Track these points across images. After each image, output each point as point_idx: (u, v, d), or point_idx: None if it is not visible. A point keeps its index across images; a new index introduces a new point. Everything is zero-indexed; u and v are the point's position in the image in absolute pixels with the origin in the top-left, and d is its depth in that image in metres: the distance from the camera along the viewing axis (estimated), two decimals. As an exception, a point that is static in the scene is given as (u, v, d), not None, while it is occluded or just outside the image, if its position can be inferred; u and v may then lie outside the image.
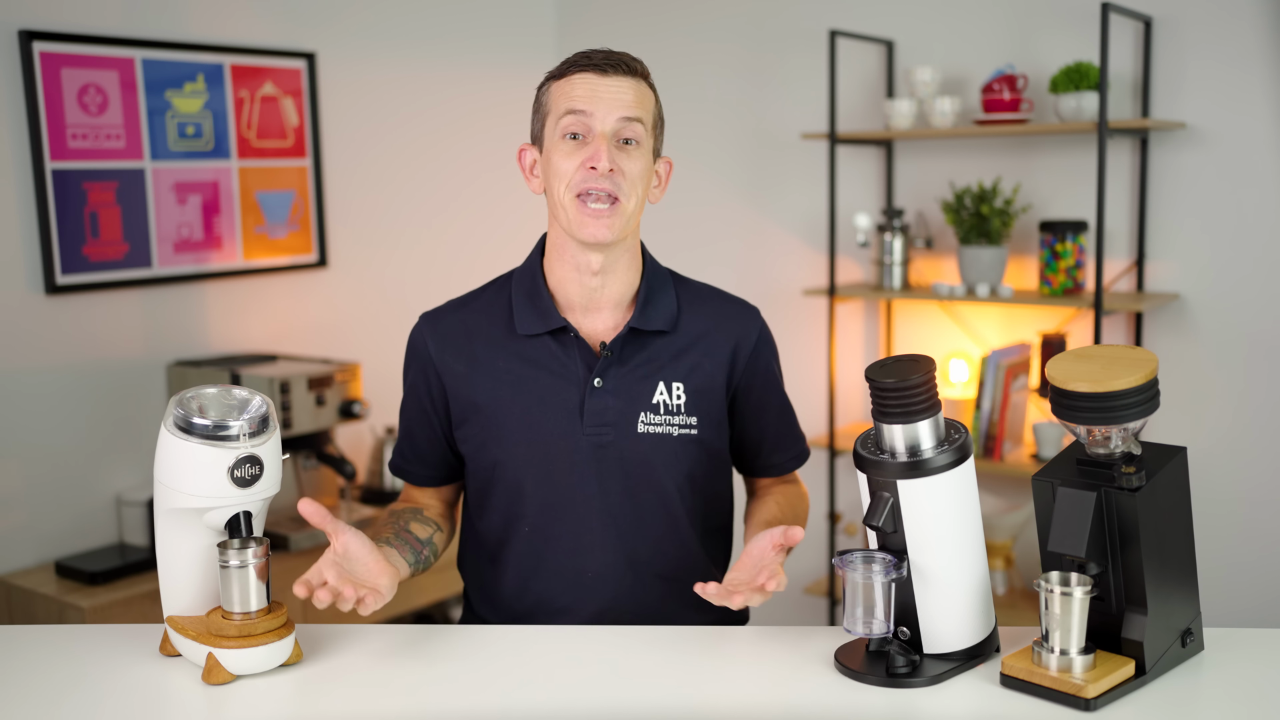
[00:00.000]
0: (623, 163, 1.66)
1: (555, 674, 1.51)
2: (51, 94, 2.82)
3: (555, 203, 1.69)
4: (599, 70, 1.66)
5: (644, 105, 1.69)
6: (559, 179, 1.67)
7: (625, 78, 1.67)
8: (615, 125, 1.65)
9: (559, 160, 1.67)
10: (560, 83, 1.69)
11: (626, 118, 1.66)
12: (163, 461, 1.48)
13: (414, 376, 1.82)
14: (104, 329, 2.97)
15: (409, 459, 1.85)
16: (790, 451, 1.88)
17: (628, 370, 1.72)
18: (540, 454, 1.72)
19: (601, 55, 1.68)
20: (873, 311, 3.60)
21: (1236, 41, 2.97)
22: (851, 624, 1.47)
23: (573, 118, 1.65)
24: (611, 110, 1.65)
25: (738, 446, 1.84)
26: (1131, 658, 1.41)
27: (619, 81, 1.67)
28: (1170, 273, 3.13)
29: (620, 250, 1.72)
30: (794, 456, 1.88)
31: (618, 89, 1.66)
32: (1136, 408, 1.37)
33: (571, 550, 1.73)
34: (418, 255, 3.71)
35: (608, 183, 1.64)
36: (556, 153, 1.67)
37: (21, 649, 1.59)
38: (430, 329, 1.80)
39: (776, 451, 1.86)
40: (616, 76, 1.67)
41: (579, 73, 1.67)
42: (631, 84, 1.68)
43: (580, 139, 1.66)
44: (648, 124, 1.69)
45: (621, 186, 1.65)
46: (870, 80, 3.50)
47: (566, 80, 1.68)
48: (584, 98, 1.65)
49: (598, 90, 1.66)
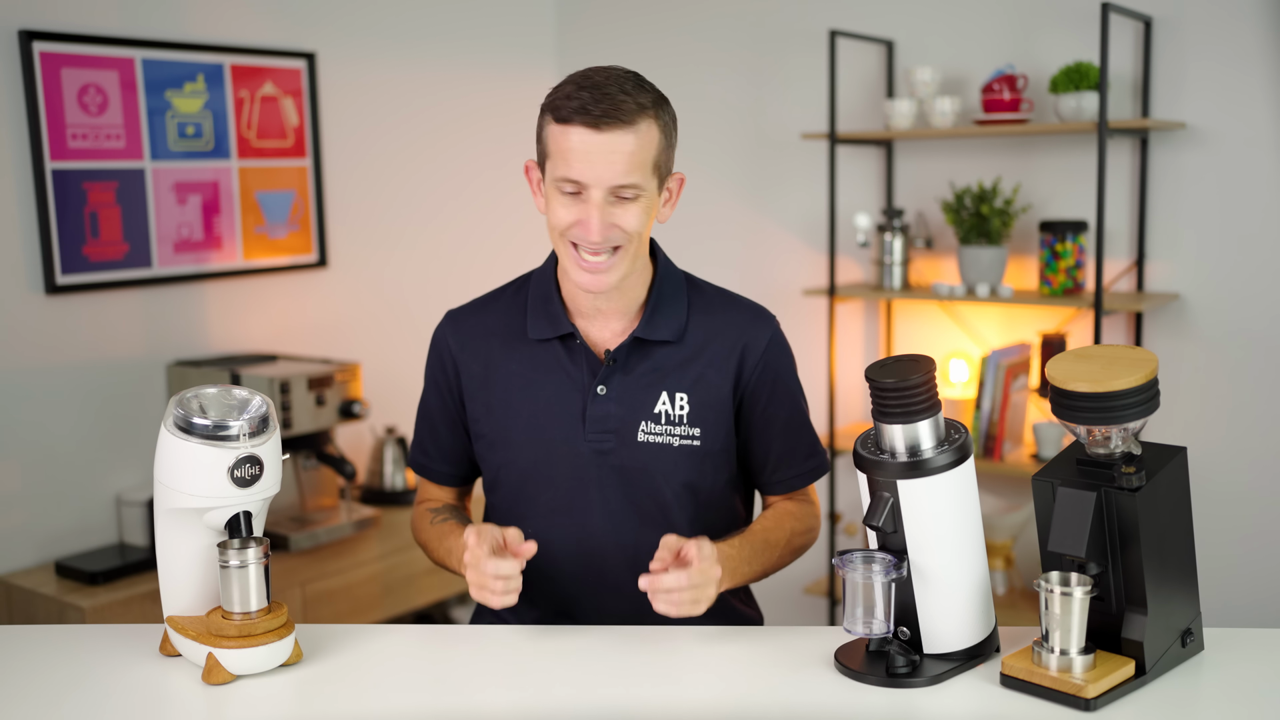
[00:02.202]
0: (619, 218, 1.61)
1: (556, 674, 1.51)
2: (51, 94, 2.82)
3: (553, 239, 1.67)
4: (594, 125, 1.56)
5: (642, 156, 1.59)
6: (554, 224, 1.64)
7: (621, 132, 1.57)
8: (609, 188, 1.60)
9: (555, 208, 1.63)
10: (558, 129, 1.59)
11: (620, 185, 1.59)
12: (163, 461, 1.48)
13: (436, 373, 1.83)
14: (104, 329, 2.97)
15: (433, 457, 1.86)
16: (796, 468, 1.80)
17: (631, 379, 1.72)
18: (543, 458, 1.73)
19: (597, 105, 1.57)
20: (873, 311, 3.60)
21: (1236, 41, 2.97)
22: (851, 624, 1.47)
23: (567, 182, 1.60)
24: (604, 177, 1.58)
25: (743, 458, 1.81)
26: (1131, 658, 1.41)
27: (614, 138, 1.57)
28: (1170, 273, 3.13)
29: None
30: (800, 474, 1.81)
31: (612, 148, 1.57)
32: (1136, 408, 1.37)
33: (572, 553, 1.73)
34: (418, 255, 3.71)
35: (600, 240, 1.61)
36: (554, 199, 1.63)
37: (21, 649, 1.59)
38: (453, 328, 1.82)
39: (781, 467, 1.80)
40: (611, 131, 1.56)
41: (575, 125, 1.57)
42: (629, 138, 1.57)
43: (575, 195, 1.61)
44: (646, 172, 1.61)
45: (616, 238, 1.62)
46: (870, 80, 3.50)
47: (563, 131, 1.59)
48: (578, 163, 1.57)
49: (591, 152, 1.57)
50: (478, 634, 1.65)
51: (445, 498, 1.88)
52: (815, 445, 1.82)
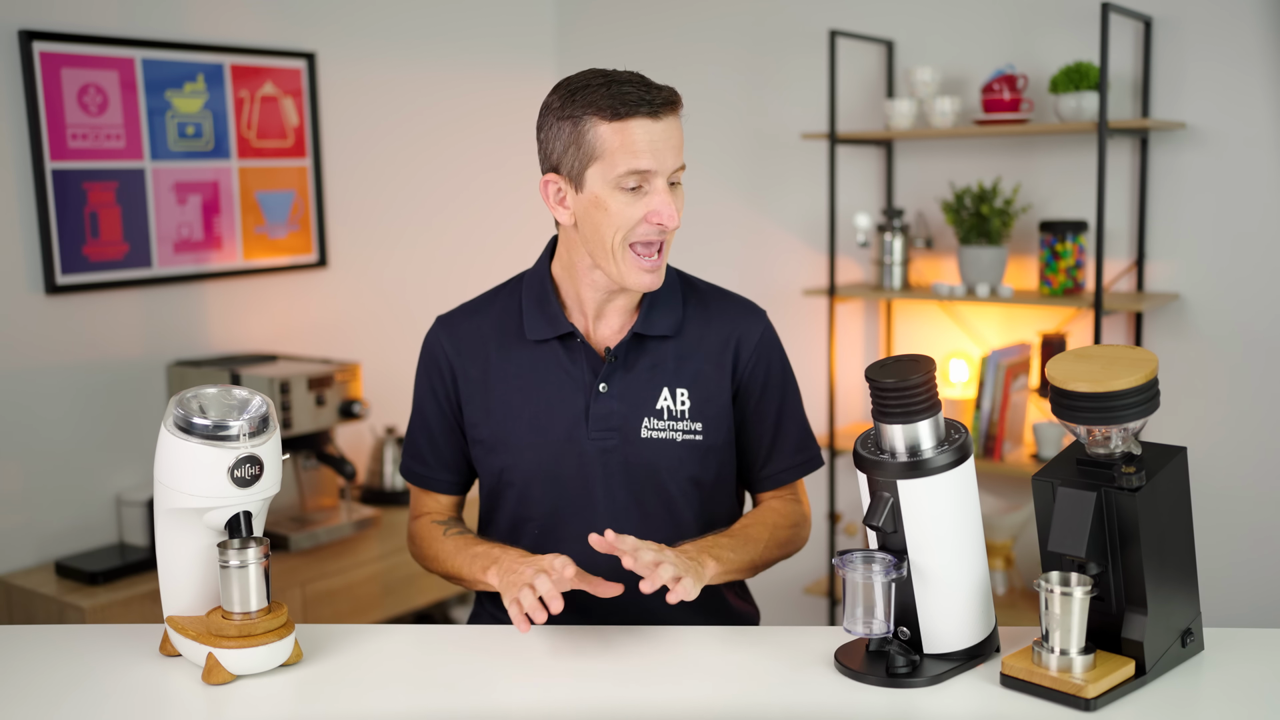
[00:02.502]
0: (677, 204, 1.64)
1: (555, 674, 1.51)
2: (51, 94, 2.82)
3: (602, 247, 1.64)
4: (653, 115, 1.59)
5: (682, 139, 1.65)
6: (615, 228, 1.62)
7: (673, 117, 1.62)
8: (671, 173, 1.63)
9: (619, 209, 1.61)
10: (613, 126, 1.58)
11: (678, 168, 1.63)
12: (163, 461, 1.48)
13: (432, 380, 1.82)
14: (104, 329, 2.97)
15: (432, 465, 1.84)
16: (787, 461, 1.81)
17: (632, 375, 1.73)
18: (547, 458, 1.73)
19: (652, 96, 1.59)
20: (873, 311, 3.60)
21: (1236, 41, 2.97)
22: (851, 624, 1.47)
23: (636, 175, 1.60)
24: (669, 162, 1.61)
25: (737, 452, 1.81)
26: (1131, 658, 1.41)
27: (670, 124, 1.61)
28: (1170, 273, 3.13)
29: None
30: (790, 467, 1.82)
31: (670, 133, 1.61)
32: (1136, 408, 1.37)
33: (578, 553, 1.73)
34: (418, 255, 3.71)
35: (677, 224, 1.63)
36: (614, 201, 1.61)
37: (21, 649, 1.60)
38: (446, 333, 1.81)
39: (771, 461, 1.81)
40: (668, 118, 1.61)
41: (636, 118, 1.58)
42: (678, 122, 1.63)
43: (636, 190, 1.61)
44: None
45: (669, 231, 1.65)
46: (870, 80, 3.50)
47: (623, 126, 1.58)
48: (647, 153, 1.59)
49: (655, 141, 1.59)
50: (478, 634, 1.65)
51: (445, 508, 1.87)
52: (808, 440, 1.83)
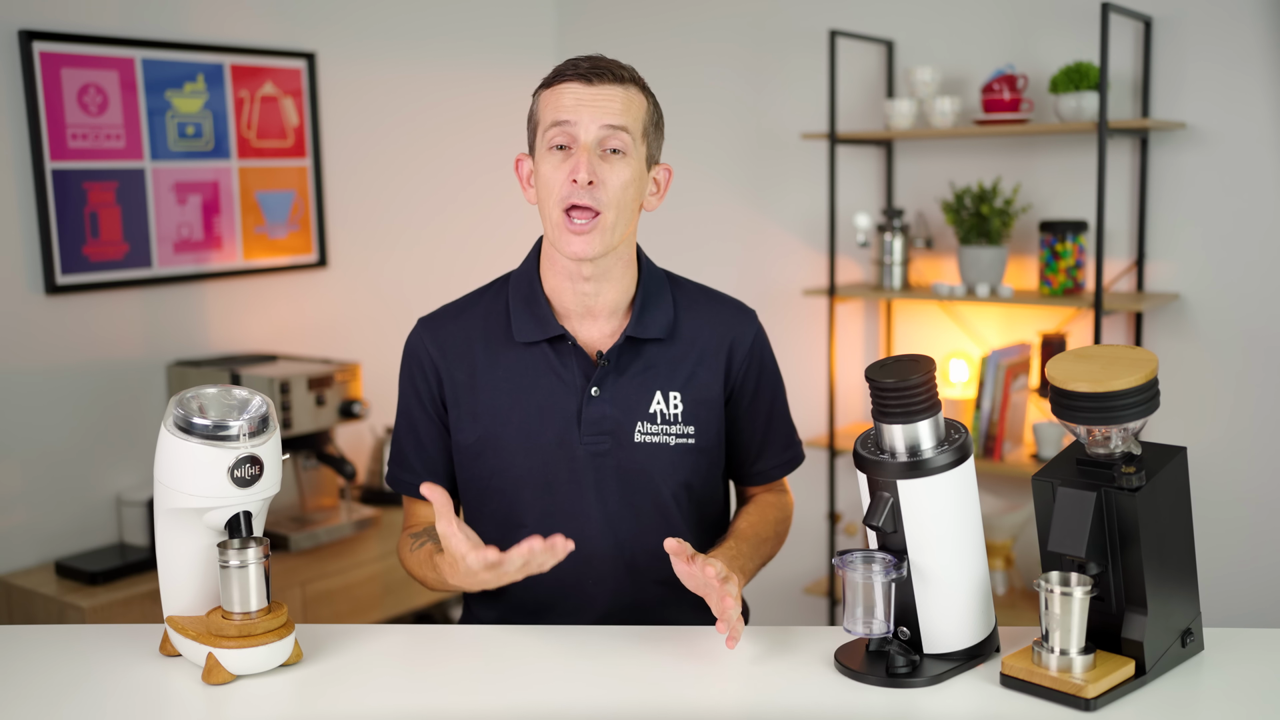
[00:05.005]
0: (605, 174, 1.63)
1: (555, 674, 1.51)
2: (51, 94, 2.82)
3: (548, 220, 1.67)
4: (585, 79, 1.64)
5: (632, 113, 1.65)
6: (546, 192, 1.65)
7: (612, 85, 1.64)
8: (599, 134, 1.63)
9: (546, 171, 1.65)
10: (548, 92, 1.67)
11: (610, 125, 1.63)
12: (163, 461, 1.48)
13: (416, 384, 1.80)
14: (104, 329, 2.97)
15: (420, 473, 1.81)
16: (776, 459, 1.85)
17: (625, 379, 1.72)
18: (539, 462, 1.72)
19: (588, 64, 1.65)
20: (873, 311, 3.60)
21: (1236, 41, 2.97)
22: (851, 624, 1.47)
23: (558, 129, 1.64)
24: (595, 118, 1.63)
25: (727, 451, 1.83)
26: (1131, 658, 1.41)
27: (605, 90, 1.64)
28: (1170, 273, 3.13)
29: (612, 259, 1.70)
30: (779, 464, 1.85)
31: (603, 98, 1.63)
32: (1136, 408, 1.37)
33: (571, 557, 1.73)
34: (417, 255, 3.71)
35: (588, 197, 1.62)
36: (544, 164, 1.66)
37: (21, 649, 1.59)
38: (430, 335, 1.79)
39: (761, 459, 1.84)
40: (602, 85, 1.64)
41: (566, 82, 1.65)
42: (619, 91, 1.65)
43: (566, 150, 1.64)
44: (636, 132, 1.66)
45: (601, 200, 1.63)
46: (870, 80, 3.50)
47: (554, 90, 1.66)
48: (569, 107, 1.63)
49: (582, 100, 1.63)
50: (477, 634, 1.64)
51: (432, 516, 1.83)
52: (793, 436, 1.87)
